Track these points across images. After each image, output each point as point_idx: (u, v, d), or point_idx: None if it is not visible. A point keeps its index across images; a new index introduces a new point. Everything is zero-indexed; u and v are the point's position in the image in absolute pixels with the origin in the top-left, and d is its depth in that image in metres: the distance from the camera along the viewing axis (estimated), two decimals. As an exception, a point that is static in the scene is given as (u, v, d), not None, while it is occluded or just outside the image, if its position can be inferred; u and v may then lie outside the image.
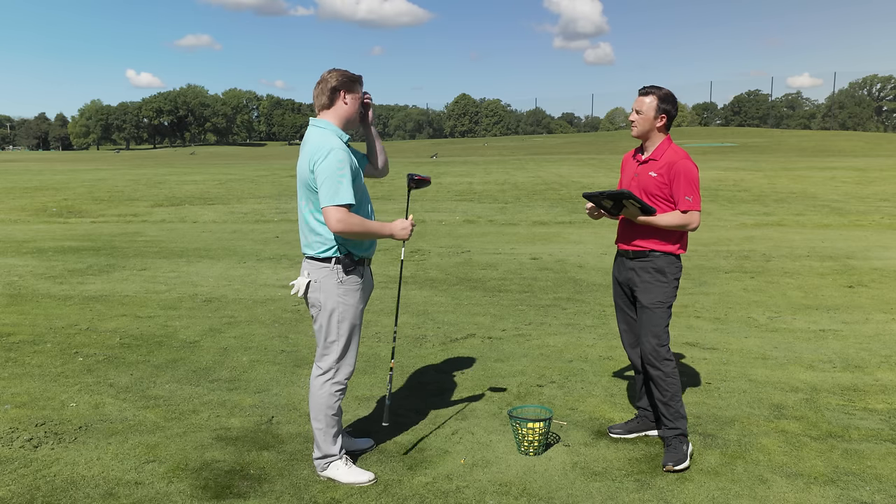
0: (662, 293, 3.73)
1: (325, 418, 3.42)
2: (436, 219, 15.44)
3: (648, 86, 3.78)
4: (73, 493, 3.32)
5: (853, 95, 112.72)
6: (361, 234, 3.29)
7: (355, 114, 3.44)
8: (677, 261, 3.79)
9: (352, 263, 3.37)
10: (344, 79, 3.35)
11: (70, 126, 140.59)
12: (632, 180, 3.84)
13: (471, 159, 40.04)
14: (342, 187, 3.18)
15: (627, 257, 3.85)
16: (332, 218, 3.18)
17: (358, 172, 3.38)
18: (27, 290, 7.93)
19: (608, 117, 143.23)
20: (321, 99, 3.39)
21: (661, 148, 3.76)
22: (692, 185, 3.66)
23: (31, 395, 4.61)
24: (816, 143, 49.19)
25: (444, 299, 7.48)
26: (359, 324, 3.45)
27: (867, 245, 11.18)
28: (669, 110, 3.74)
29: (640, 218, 3.68)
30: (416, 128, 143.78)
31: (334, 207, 3.18)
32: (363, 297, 3.46)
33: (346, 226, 3.19)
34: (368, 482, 3.41)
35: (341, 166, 3.20)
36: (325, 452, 3.45)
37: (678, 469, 3.57)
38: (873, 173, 24.62)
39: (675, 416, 3.71)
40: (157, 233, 13.40)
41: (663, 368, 3.70)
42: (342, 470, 3.44)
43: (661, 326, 3.72)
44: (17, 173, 34.00)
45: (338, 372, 3.43)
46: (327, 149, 3.22)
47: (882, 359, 5.38)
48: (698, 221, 3.71)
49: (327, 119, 3.39)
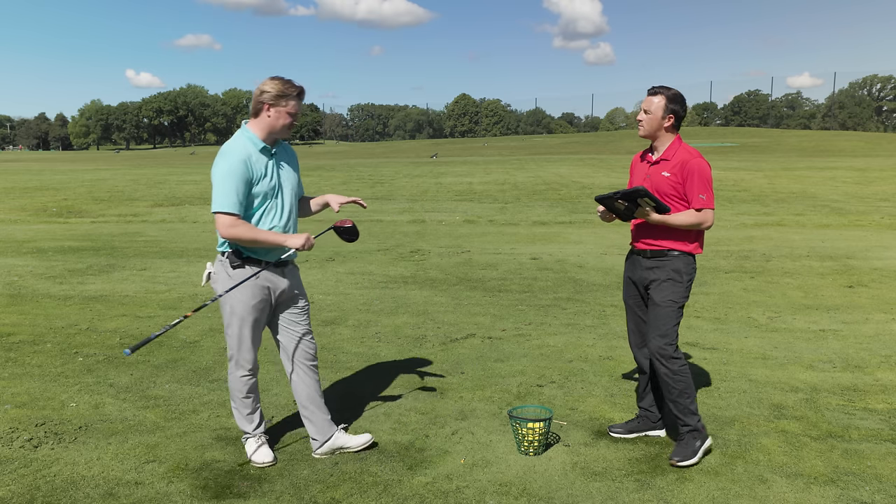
0: (675, 292, 3.71)
1: (236, 400, 3.71)
2: (436, 219, 15.44)
3: (657, 86, 3.76)
4: (73, 493, 3.33)
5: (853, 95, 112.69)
6: (250, 241, 3.45)
7: (280, 128, 3.51)
8: (693, 261, 3.78)
9: (238, 259, 3.51)
10: (273, 93, 3.44)
11: (70, 126, 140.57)
12: (644, 182, 3.80)
13: (471, 159, 40.04)
14: (226, 196, 3.35)
15: (644, 256, 3.81)
16: (218, 223, 3.40)
17: (266, 179, 3.48)
18: (27, 290, 7.93)
19: (608, 117, 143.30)
20: (252, 107, 3.53)
21: (672, 148, 3.74)
22: (705, 184, 3.64)
23: (31, 395, 4.61)
24: (816, 143, 49.18)
25: (444, 299, 7.48)
26: (250, 318, 3.56)
27: (867, 245, 11.18)
28: (677, 110, 3.72)
29: (654, 217, 3.64)
30: (416, 128, 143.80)
31: (219, 214, 3.38)
32: (259, 295, 3.55)
33: (231, 233, 3.40)
34: (264, 463, 3.61)
35: (229, 174, 3.36)
36: (241, 429, 3.75)
37: (683, 465, 3.58)
38: (873, 173, 24.62)
39: (684, 412, 3.70)
40: (157, 233, 13.40)
41: (670, 366, 3.69)
42: (252, 447, 3.68)
43: (669, 325, 3.70)
44: (17, 173, 34.00)
45: (238, 359, 3.62)
46: (223, 156, 3.41)
47: (882, 359, 5.38)
48: (712, 220, 3.70)
49: (250, 126, 3.54)
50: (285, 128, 3.51)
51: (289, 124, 3.51)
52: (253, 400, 3.72)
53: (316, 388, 3.79)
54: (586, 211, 16.56)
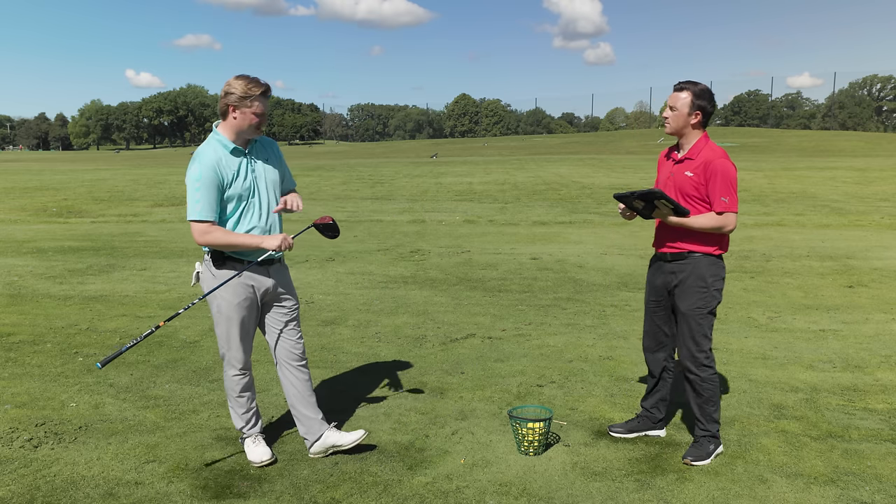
0: (701, 298, 3.62)
1: (231, 399, 3.74)
2: (436, 219, 15.44)
3: (683, 81, 3.65)
4: (73, 493, 3.33)
5: (853, 95, 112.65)
6: (226, 246, 3.48)
7: (247, 126, 3.50)
8: (718, 261, 3.67)
9: (221, 259, 3.53)
10: (237, 94, 3.43)
11: (70, 126, 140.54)
12: (667, 180, 3.72)
13: (471, 159, 40.03)
14: (198, 202, 3.39)
15: (665, 260, 3.74)
16: (193, 231, 3.44)
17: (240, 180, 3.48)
18: (27, 290, 7.93)
19: (608, 117, 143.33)
20: (219, 108, 3.53)
21: (697, 146, 3.63)
22: (729, 186, 3.52)
23: (31, 395, 4.61)
24: (816, 143, 49.17)
25: (444, 299, 7.48)
26: (237, 317, 3.57)
27: (867, 245, 11.18)
28: (705, 106, 3.61)
29: (673, 219, 3.56)
30: (416, 128, 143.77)
31: (192, 222, 3.42)
32: (242, 294, 3.55)
33: (205, 240, 3.43)
34: (263, 463, 3.61)
35: (199, 181, 3.38)
36: (237, 428, 3.76)
37: (696, 465, 3.60)
38: (873, 173, 24.62)
39: (707, 418, 3.69)
40: (157, 233, 13.40)
41: (700, 373, 3.66)
42: (249, 446, 3.71)
43: (699, 333, 3.63)
44: (17, 173, 34.00)
45: (228, 359, 3.66)
46: (192, 161, 3.43)
47: (882, 359, 5.38)
48: (734, 224, 3.57)
49: (220, 129, 3.55)
50: (252, 128, 3.50)
51: (256, 124, 3.49)
52: (248, 399, 3.73)
53: (304, 388, 3.76)
54: (586, 211, 16.56)
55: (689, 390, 3.75)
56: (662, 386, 3.96)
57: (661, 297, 3.83)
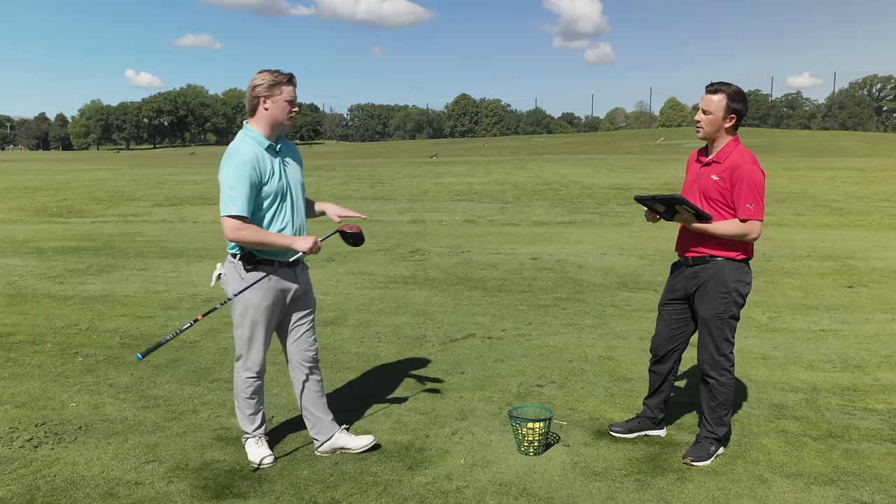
0: (722, 304, 3.55)
1: (240, 400, 3.70)
2: (436, 219, 15.44)
3: (717, 82, 3.50)
4: (73, 493, 3.33)
5: (853, 95, 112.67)
6: (257, 244, 3.43)
7: (281, 116, 3.48)
8: (742, 265, 3.57)
9: (252, 262, 3.49)
10: (265, 84, 3.42)
11: (70, 126, 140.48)
12: (693, 182, 3.65)
13: (471, 159, 40.02)
14: (234, 199, 3.35)
15: (687, 265, 3.67)
16: (225, 227, 3.39)
17: (275, 178, 3.46)
18: (27, 290, 7.93)
19: (608, 117, 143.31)
20: (248, 106, 3.51)
21: (725, 150, 3.53)
22: (755, 192, 3.40)
23: (31, 395, 4.61)
24: (816, 143, 49.17)
25: (444, 299, 7.48)
26: (263, 320, 3.54)
27: (867, 245, 11.18)
28: (740, 109, 3.48)
29: (695, 225, 3.50)
30: (416, 128, 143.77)
31: (226, 217, 3.37)
32: (271, 297, 3.53)
33: (238, 236, 3.39)
34: (264, 464, 3.60)
35: (235, 177, 3.34)
36: (241, 429, 3.73)
37: (696, 465, 3.60)
38: (873, 173, 24.61)
39: (717, 421, 3.68)
40: (157, 233, 13.40)
41: (718, 377, 3.64)
42: (252, 447, 3.68)
43: (720, 337, 3.59)
44: (17, 173, 34.00)
45: (246, 361, 3.62)
46: (228, 158, 3.39)
47: (882, 359, 5.38)
48: (759, 232, 3.45)
49: (251, 125, 3.51)
50: (286, 116, 3.48)
51: (289, 111, 3.49)
52: (257, 402, 3.71)
53: (317, 390, 3.80)
54: (586, 211, 16.57)
55: (705, 392, 3.72)
56: (667, 387, 3.96)
57: (678, 302, 3.78)
